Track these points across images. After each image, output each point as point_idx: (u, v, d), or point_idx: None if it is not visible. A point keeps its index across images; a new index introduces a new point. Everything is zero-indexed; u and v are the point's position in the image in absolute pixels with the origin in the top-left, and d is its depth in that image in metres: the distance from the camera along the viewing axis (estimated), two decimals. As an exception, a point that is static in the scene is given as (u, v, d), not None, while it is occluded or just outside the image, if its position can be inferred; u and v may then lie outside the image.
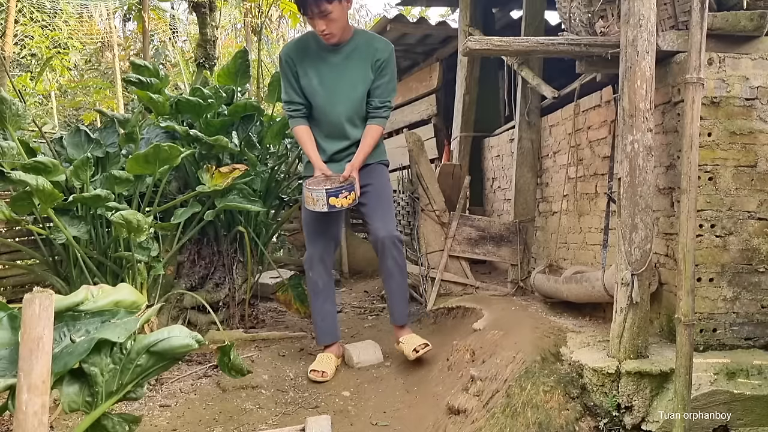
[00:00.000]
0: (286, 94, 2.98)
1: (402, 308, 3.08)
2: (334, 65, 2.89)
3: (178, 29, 14.21)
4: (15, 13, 8.67)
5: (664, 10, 2.45)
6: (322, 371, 2.89)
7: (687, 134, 2.05)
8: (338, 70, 2.89)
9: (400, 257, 3.00)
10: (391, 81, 2.96)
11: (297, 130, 3.00)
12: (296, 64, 2.91)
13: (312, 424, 2.07)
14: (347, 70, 2.89)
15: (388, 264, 2.99)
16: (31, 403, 1.19)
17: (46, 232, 2.92)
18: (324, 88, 2.90)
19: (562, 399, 2.11)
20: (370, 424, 2.47)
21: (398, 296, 3.06)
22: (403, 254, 3.04)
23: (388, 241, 2.94)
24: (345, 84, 2.90)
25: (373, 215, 2.99)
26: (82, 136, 3.30)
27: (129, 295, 1.67)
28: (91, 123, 10.78)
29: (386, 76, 2.93)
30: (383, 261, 3.00)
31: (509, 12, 6.09)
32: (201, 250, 3.70)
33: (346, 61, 2.89)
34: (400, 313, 3.07)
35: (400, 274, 3.03)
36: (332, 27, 2.74)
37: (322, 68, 2.90)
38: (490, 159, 5.30)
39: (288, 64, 2.92)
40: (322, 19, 2.70)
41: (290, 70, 2.93)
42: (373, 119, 2.99)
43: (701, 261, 2.32)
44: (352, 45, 2.89)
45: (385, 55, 2.90)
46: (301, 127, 2.99)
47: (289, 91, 2.96)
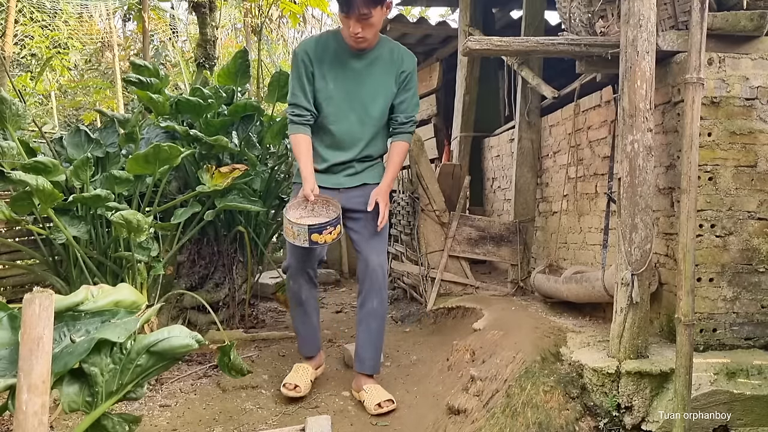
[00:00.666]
0: (293, 96, 2.67)
1: (376, 356, 2.75)
2: (355, 71, 2.64)
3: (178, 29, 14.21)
4: (15, 13, 8.67)
5: (664, 10, 2.45)
6: (295, 385, 2.65)
7: (687, 134, 2.05)
8: (359, 77, 2.64)
9: (386, 297, 2.72)
10: (415, 95, 2.74)
11: (296, 139, 2.66)
12: (314, 65, 2.63)
13: (312, 424, 2.07)
14: (368, 79, 2.64)
15: (374, 305, 2.68)
16: (31, 403, 1.19)
17: (46, 232, 2.92)
18: (340, 95, 2.65)
19: (562, 399, 2.11)
20: (370, 424, 2.47)
21: (376, 342, 2.73)
22: (387, 292, 2.75)
23: (380, 274, 2.66)
24: (364, 93, 2.65)
25: (366, 245, 2.69)
26: (82, 136, 3.30)
27: (129, 295, 1.67)
28: (91, 123, 10.78)
29: (411, 90, 2.72)
30: (368, 299, 2.68)
31: (509, 12, 6.09)
32: (201, 250, 3.70)
33: (368, 69, 2.64)
34: (375, 360, 2.74)
35: (383, 316, 2.73)
36: (368, 32, 2.51)
37: (342, 73, 2.63)
38: (490, 159, 5.30)
39: (304, 63, 2.62)
40: (361, 22, 2.46)
41: (306, 69, 2.63)
42: (399, 135, 2.76)
43: (701, 261, 2.32)
44: (377, 52, 2.64)
45: (411, 68, 2.69)
46: (301, 135, 2.66)
47: (298, 93, 2.65)
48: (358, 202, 2.70)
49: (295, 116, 2.66)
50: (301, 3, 9.02)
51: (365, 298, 2.69)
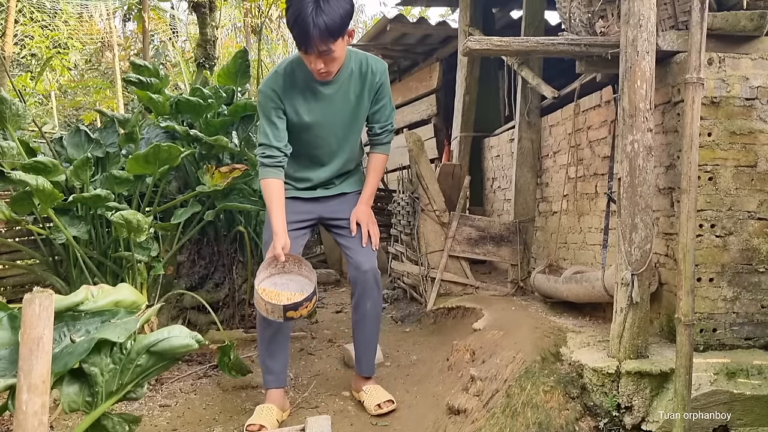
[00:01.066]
0: (265, 137, 2.48)
1: (372, 357, 2.71)
2: (327, 97, 2.48)
3: (178, 29, 14.22)
4: (15, 13, 8.67)
5: (664, 10, 2.45)
6: (260, 426, 2.35)
7: (687, 134, 2.05)
8: (333, 102, 2.49)
9: (379, 299, 2.67)
10: (390, 102, 2.62)
11: (268, 184, 2.48)
12: (284, 100, 2.46)
13: (312, 424, 2.07)
14: (343, 100, 2.50)
15: (368, 308, 2.62)
16: (31, 403, 1.19)
17: (46, 232, 2.92)
18: (317, 123, 2.51)
19: (562, 399, 2.11)
20: (370, 424, 2.48)
21: (371, 344, 2.69)
22: (381, 295, 2.71)
23: (372, 278, 2.59)
24: (341, 116, 2.53)
25: (357, 249, 2.62)
26: (82, 136, 3.30)
27: (129, 295, 1.67)
28: (91, 123, 10.78)
29: (385, 98, 2.58)
30: (362, 303, 2.62)
31: (509, 12, 6.09)
32: (201, 250, 3.70)
33: (340, 91, 2.48)
34: (371, 362, 2.71)
35: (377, 319, 2.68)
36: (331, 66, 2.34)
37: (314, 102, 2.48)
38: (490, 159, 5.31)
39: (273, 101, 2.45)
40: (322, 58, 2.29)
41: (275, 107, 2.46)
42: (377, 147, 2.68)
43: (701, 261, 2.32)
44: (346, 71, 2.46)
45: (383, 77, 2.54)
46: (273, 181, 2.48)
47: (269, 133, 2.47)
48: (339, 210, 2.66)
49: (266, 158, 2.48)
50: (301, 3, 9.00)
51: (358, 301, 2.64)
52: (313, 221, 2.69)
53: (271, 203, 2.47)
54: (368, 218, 2.63)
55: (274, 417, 2.44)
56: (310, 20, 2.17)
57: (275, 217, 2.45)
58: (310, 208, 2.65)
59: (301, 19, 2.19)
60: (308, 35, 2.20)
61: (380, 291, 2.66)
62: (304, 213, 2.64)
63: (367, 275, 2.59)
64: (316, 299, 2.39)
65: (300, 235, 2.65)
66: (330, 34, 2.20)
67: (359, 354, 2.71)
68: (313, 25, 2.17)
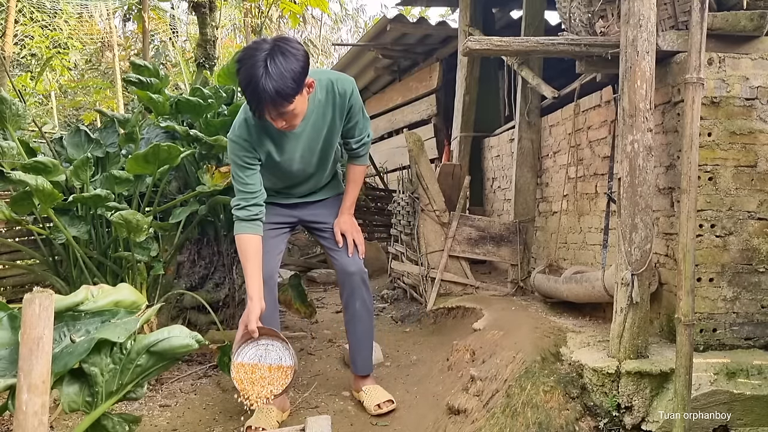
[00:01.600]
0: (240, 192, 2.38)
1: (368, 356, 2.70)
2: (296, 135, 2.38)
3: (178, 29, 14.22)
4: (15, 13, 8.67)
5: (664, 10, 2.45)
6: (262, 429, 2.35)
7: (687, 134, 2.05)
8: (302, 137, 2.40)
9: (368, 298, 2.64)
10: (362, 116, 2.52)
11: (244, 241, 2.36)
12: (255, 148, 2.35)
13: (312, 424, 2.07)
14: (313, 133, 2.41)
15: (357, 306, 2.62)
16: (31, 403, 1.19)
17: (46, 232, 2.92)
18: (290, 159, 2.44)
19: (562, 399, 2.11)
20: (370, 424, 2.48)
21: (365, 343, 2.68)
22: (371, 293, 2.68)
23: (359, 279, 2.59)
24: (314, 147, 2.45)
25: (340, 251, 2.61)
26: (82, 136, 3.30)
27: (129, 295, 1.67)
28: (91, 123, 10.79)
29: (357, 115, 2.48)
30: (351, 303, 2.63)
31: (509, 12, 6.10)
32: (201, 250, 3.70)
33: (310, 125, 2.38)
34: (366, 361, 2.70)
35: (368, 318, 2.66)
36: (293, 120, 2.22)
37: (285, 142, 2.39)
38: (490, 159, 5.31)
39: (244, 150, 2.34)
40: (281, 117, 2.19)
41: (247, 155, 2.35)
42: (354, 159, 2.63)
43: (701, 261, 2.32)
44: (313, 103, 2.34)
45: (352, 96, 2.41)
46: (249, 237, 2.36)
47: (244, 187, 2.37)
48: (320, 213, 2.66)
49: (241, 210, 2.38)
50: (301, 3, 9.03)
51: (347, 301, 2.65)
52: (293, 223, 2.69)
53: (246, 262, 2.34)
54: (352, 227, 2.63)
55: (274, 418, 2.43)
56: (261, 87, 2.05)
57: (251, 279, 2.31)
58: (289, 211, 2.65)
59: (252, 85, 2.07)
60: (261, 102, 2.10)
61: (368, 289, 2.65)
62: (284, 216, 2.64)
63: (354, 277, 2.59)
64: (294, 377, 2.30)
65: (279, 234, 2.64)
66: (284, 99, 2.09)
67: (353, 353, 2.71)
68: (264, 92, 2.06)
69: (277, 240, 2.61)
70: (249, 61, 2.09)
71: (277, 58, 2.06)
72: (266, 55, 2.06)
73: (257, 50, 2.09)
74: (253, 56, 2.08)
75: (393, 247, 4.88)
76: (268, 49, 2.08)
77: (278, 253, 2.61)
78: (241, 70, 2.11)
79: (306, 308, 3.56)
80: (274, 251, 2.58)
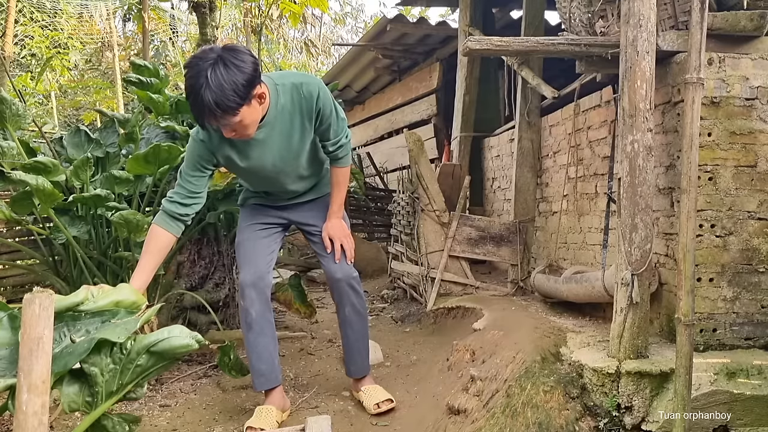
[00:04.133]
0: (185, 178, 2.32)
1: (362, 360, 2.68)
2: (259, 142, 2.29)
3: (178, 29, 14.21)
4: (15, 13, 8.67)
5: (664, 10, 2.45)
6: (260, 429, 2.31)
7: (687, 134, 2.05)
8: (267, 144, 2.31)
9: (359, 301, 2.61)
10: (336, 117, 2.39)
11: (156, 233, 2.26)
12: (214, 152, 2.30)
13: (312, 424, 2.07)
14: (279, 138, 2.31)
15: (346, 312, 2.61)
16: (31, 403, 1.19)
17: (46, 232, 2.92)
18: (256, 167, 2.37)
19: (562, 399, 2.11)
20: (370, 424, 2.47)
21: (358, 347, 2.66)
22: (362, 296, 2.64)
23: (346, 285, 2.56)
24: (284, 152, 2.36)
25: (328, 256, 2.57)
26: (82, 136, 3.30)
27: (129, 295, 1.67)
28: (91, 123, 10.79)
29: (329, 117, 2.35)
30: (341, 308, 2.62)
31: (509, 12, 6.10)
32: (201, 250, 3.70)
33: (273, 131, 2.28)
34: (361, 365, 2.68)
35: (359, 321, 2.64)
36: (245, 130, 2.14)
37: (246, 149, 2.31)
38: (490, 159, 5.31)
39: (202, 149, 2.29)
40: (228, 128, 2.11)
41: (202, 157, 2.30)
42: (335, 161, 2.52)
43: (701, 261, 2.32)
44: (275, 109, 2.25)
45: (320, 98, 2.29)
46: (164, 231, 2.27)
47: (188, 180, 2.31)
48: (310, 216, 2.62)
49: (171, 204, 2.29)
50: (301, 3, 9.02)
51: (338, 305, 2.64)
52: (284, 223, 2.65)
53: (145, 254, 2.21)
54: (341, 232, 2.56)
55: (274, 418, 2.40)
56: (200, 98, 1.99)
57: (140, 272, 2.17)
58: (279, 212, 2.62)
59: (193, 95, 2.01)
60: (201, 113, 2.03)
61: (358, 293, 2.61)
62: (274, 217, 2.61)
63: (341, 283, 2.56)
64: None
65: (271, 233, 2.60)
66: (224, 111, 2.01)
67: (348, 358, 2.69)
68: (203, 104, 1.99)
69: (268, 240, 2.57)
70: (193, 69, 2.02)
71: (218, 69, 1.99)
72: (209, 65, 1.99)
73: (202, 59, 2.02)
74: (197, 65, 2.01)
75: (393, 247, 4.88)
76: (212, 59, 2.00)
77: (269, 253, 2.56)
78: (186, 78, 2.04)
79: (306, 308, 3.56)
80: (264, 251, 2.54)
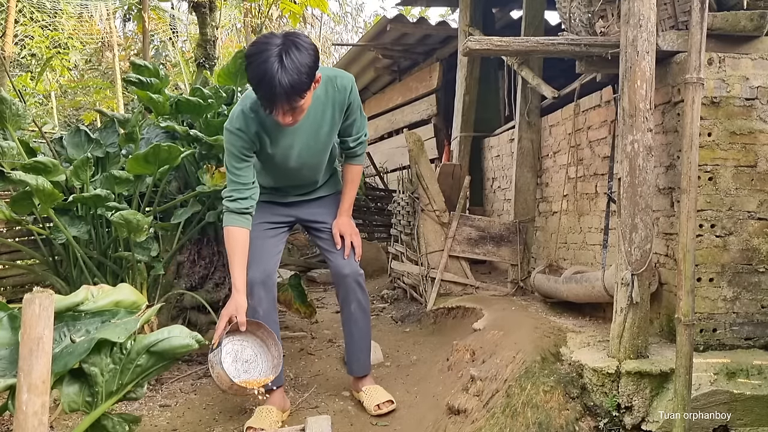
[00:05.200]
0: (233, 183, 2.36)
1: (365, 357, 2.69)
2: (294, 129, 2.34)
3: (178, 29, 14.21)
4: (15, 13, 8.67)
5: (664, 10, 2.45)
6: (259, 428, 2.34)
7: (687, 134, 2.05)
8: (300, 132, 2.37)
9: (364, 299, 2.63)
10: (360, 114, 2.51)
11: (232, 234, 2.34)
12: (252, 140, 2.33)
13: (312, 424, 2.07)
14: (311, 128, 2.38)
15: (352, 308, 2.61)
16: (31, 403, 1.19)
17: (46, 232, 2.92)
18: (287, 155, 2.42)
19: (562, 399, 2.11)
20: (370, 424, 2.48)
21: (362, 344, 2.67)
22: (367, 294, 2.66)
23: (353, 282, 2.58)
24: (311, 142, 2.42)
25: (335, 252, 2.59)
26: (82, 136, 3.30)
27: (129, 295, 1.67)
28: (91, 123, 10.79)
29: (355, 113, 2.47)
30: (346, 305, 2.62)
31: (509, 12, 6.10)
32: (201, 250, 3.69)
33: (308, 119, 2.33)
34: (363, 362, 2.68)
35: (364, 318, 2.65)
36: (299, 116, 2.21)
37: (282, 137, 2.37)
38: (490, 159, 5.31)
39: (241, 140, 2.31)
40: (290, 113, 2.16)
41: (244, 147, 2.33)
42: (351, 159, 2.61)
43: (701, 261, 2.32)
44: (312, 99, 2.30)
45: (351, 92, 2.40)
46: (239, 230, 2.34)
47: (237, 179, 2.35)
48: (318, 213, 2.64)
49: (233, 202, 2.35)
50: (301, 3, 9.02)
51: (342, 303, 2.66)
52: (291, 222, 2.67)
53: (234, 255, 2.32)
54: (351, 229, 2.61)
55: (274, 418, 2.42)
56: (276, 82, 2.02)
57: (237, 271, 2.31)
58: (287, 210, 2.63)
59: (267, 80, 2.03)
60: (275, 97, 2.07)
61: (364, 290, 2.64)
62: (282, 215, 2.63)
63: (348, 279, 2.58)
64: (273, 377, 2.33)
65: (278, 233, 2.62)
66: (297, 93, 2.07)
67: (350, 355, 2.70)
68: (280, 87, 2.03)
69: (276, 239, 2.59)
70: (261, 56, 2.04)
71: (291, 52, 2.04)
72: (280, 49, 2.04)
73: (269, 44, 2.06)
74: (266, 51, 2.04)
75: (393, 247, 4.88)
76: (280, 44, 2.05)
77: (276, 252, 2.59)
78: (253, 66, 2.06)
79: (306, 308, 3.56)
80: (272, 251, 2.56)
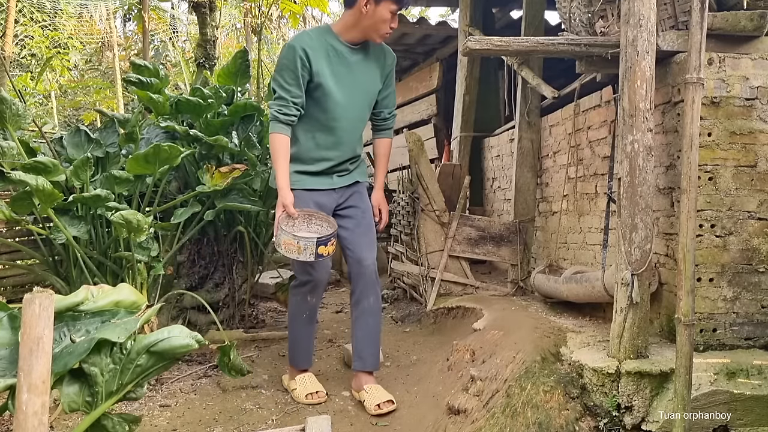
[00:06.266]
0: (285, 91, 2.52)
1: (375, 351, 2.76)
2: (351, 64, 2.59)
3: (178, 29, 14.21)
4: (15, 13, 8.67)
5: (664, 10, 2.45)
6: (316, 391, 2.69)
7: (687, 134, 2.05)
8: (354, 72, 2.60)
9: (380, 294, 2.76)
10: (393, 89, 2.81)
11: (279, 140, 2.54)
12: (311, 60, 2.51)
13: (312, 424, 2.07)
14: (362, 74, 2.63)
15: (371, 301, 2.70)
16: (31, 403, 1.19)
17: (46, 232, 2.92)
18: (340, 90, 2.58)
19: (562, 399, 2.11)
20: (370, 424, 2.48)
21: (373, 338, 2.73)
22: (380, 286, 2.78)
23: (373, 273, 2.69)
24: (361, 89, 2.64)
25: (359, 242, 2.70)
26: (82, 136, 3.30)
27: (129, 295, 1.67)
28: (91, 123, 10.79)
29: (392, 85, 2.78)
30: (364, 298, 2.69)
31: (509, 12, 6.09)
32: (201, 250, 3.70)
33: (361, 64, 2.61)
34: (373, 357, 2.74)
35: (378, 313, 2.76)
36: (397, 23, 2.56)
37: (340, 69, 2.57)
38: (490, 159, 5.31)
39: (302, 59, 2.49)
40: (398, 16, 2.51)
41: (303, 65, 2.50)
42: (383, 132, 2.85)
43: (701, 261, 2.32)
44: (366, 47, 2.62)
45: (393, 63, 2.73)
46: (284, 137, 2.55)
47: (290, 88, 2.51)
48: (351, 199, 2.76)
49: (282, 114, 2.53)
50: (301, 3, 9.02)
51: (360, 295, 2.71)
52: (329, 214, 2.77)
53: (278, 157, 2.54)
54: (385, 203, 2.87)
55: (318, 382, 2.73)
56: None
57: (281, 172, 2.53)
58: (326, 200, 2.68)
59: None
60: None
61: (379, 283, 2.75)
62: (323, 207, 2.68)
63: (369, 269, 2.68)
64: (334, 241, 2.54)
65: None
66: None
67: (361, 349, 2.73)
68: None
69: None
70: None
71: None
72: None
73: None
74: None
75: (393, 247, 4.88)
76: None
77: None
78: None
79: (306, 308, 3.55)
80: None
